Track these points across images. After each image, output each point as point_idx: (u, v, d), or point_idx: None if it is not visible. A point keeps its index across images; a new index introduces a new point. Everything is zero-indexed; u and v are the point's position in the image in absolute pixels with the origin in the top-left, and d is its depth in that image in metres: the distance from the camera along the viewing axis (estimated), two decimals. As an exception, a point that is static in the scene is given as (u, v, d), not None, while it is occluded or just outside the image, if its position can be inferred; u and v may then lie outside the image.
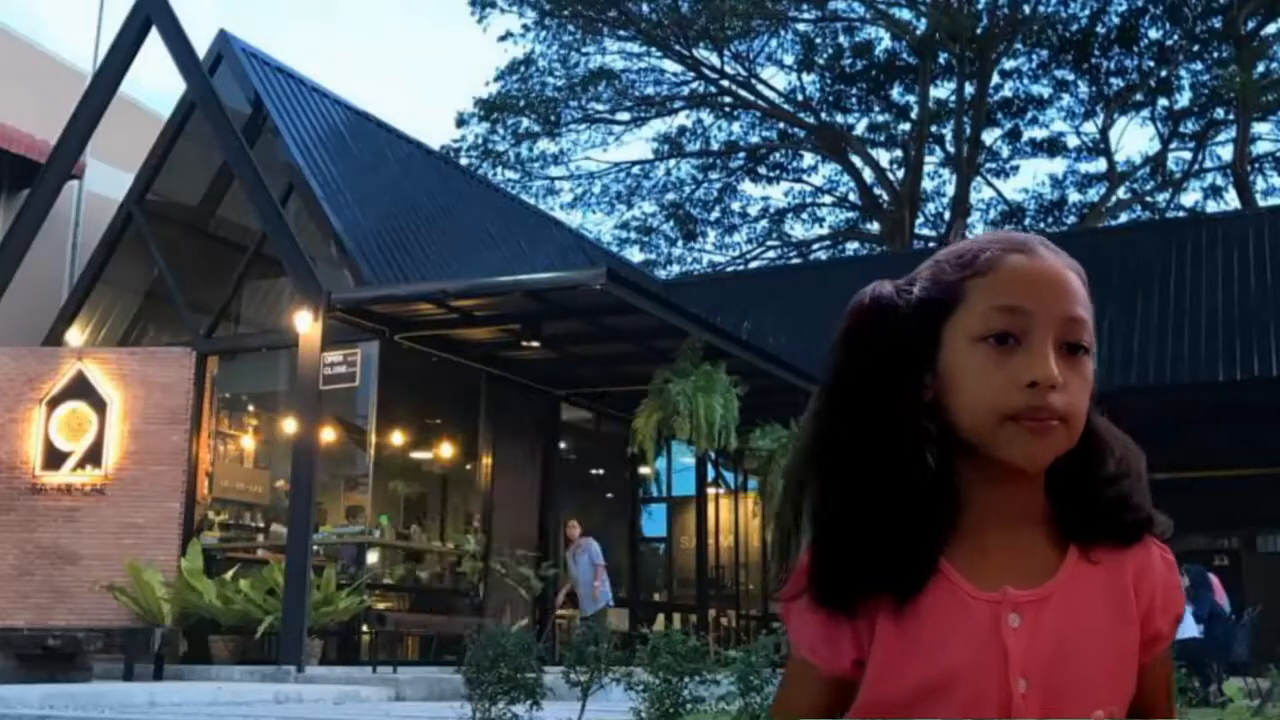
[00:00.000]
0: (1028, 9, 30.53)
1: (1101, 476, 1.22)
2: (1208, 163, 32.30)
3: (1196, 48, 30.33)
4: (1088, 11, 30.65)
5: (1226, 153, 31.33)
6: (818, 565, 1.20)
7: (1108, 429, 1.25)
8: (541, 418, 16.87)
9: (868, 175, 33.22)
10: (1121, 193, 32.98)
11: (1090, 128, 32.42)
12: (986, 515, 1.20)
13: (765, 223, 35.79)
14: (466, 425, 16.25)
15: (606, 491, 19.23)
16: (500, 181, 30.56)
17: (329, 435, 14.19)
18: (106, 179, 16.91)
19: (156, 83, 24.02)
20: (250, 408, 16.47)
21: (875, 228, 33.97)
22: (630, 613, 16.99)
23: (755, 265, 33.44)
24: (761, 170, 34.81)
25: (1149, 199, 33.16)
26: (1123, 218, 32.25)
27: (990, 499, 1.20)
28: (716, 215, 35.63)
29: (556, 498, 16.69)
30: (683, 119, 33.93)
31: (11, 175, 16.88)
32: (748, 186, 37.98)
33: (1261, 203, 29.29)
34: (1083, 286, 1.22)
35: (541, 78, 32.29)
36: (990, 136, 32.75)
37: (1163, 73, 30.85)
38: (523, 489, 16.39)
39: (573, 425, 17.88)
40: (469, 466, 16.36)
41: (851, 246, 34.97)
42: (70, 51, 35.62)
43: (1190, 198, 33.05)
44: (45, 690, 9.17)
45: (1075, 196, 33.39)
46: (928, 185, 33.64)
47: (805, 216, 35.51)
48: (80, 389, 14.02)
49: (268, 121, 15.85)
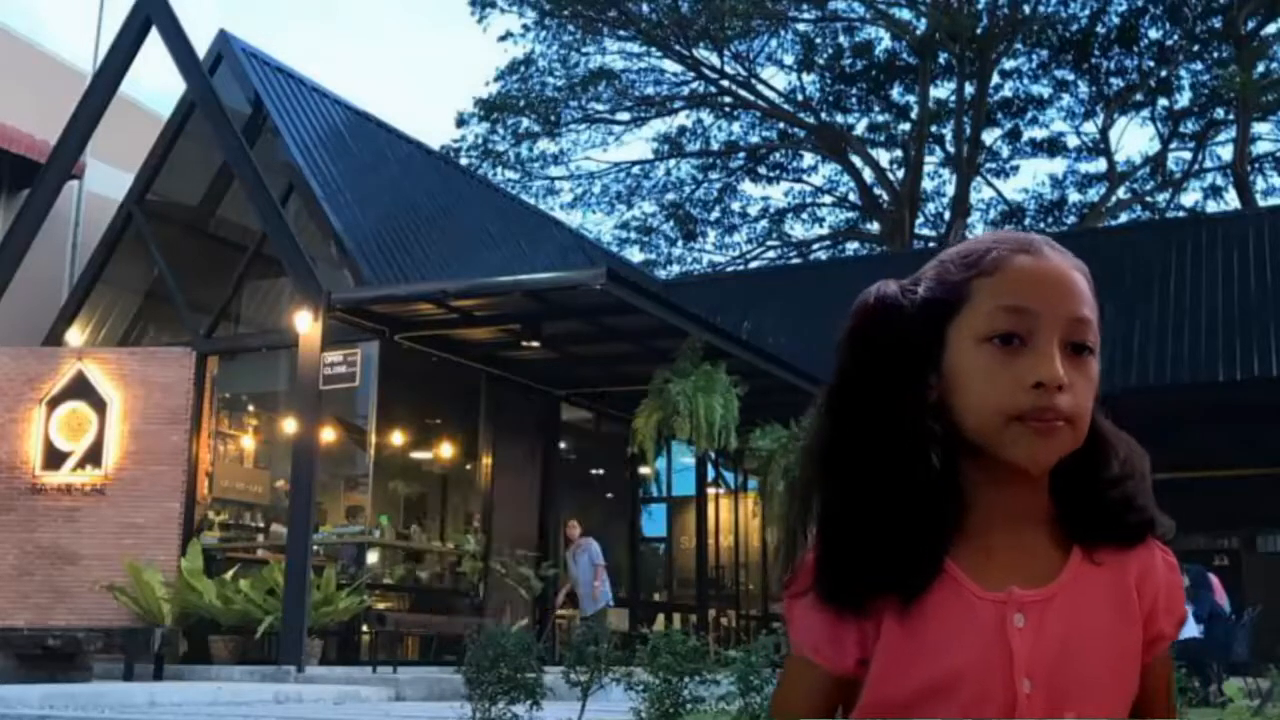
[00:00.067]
0: (1028, 9, 30.51)
1: (1105, 477, 1.22)
2: (1208, 163, 32.33)
3: (1196, 48, 30.32)
4: (1088, 11, 30.65)
5: (1226, 153, 31.34)
6: (824, 564, 1.20)
7: (1112, 430, 1.25)
8: (541, 418, 16.87)
9: (868, 175, 33.22)
10: (1121, 193, 32.98)
11: (1090, 128, 32.46)
12: (992, 516, 1.20)
13: (765, 223, 35.81)
14: (466, 425, 16.25)
15: (606, 491, 19.23)
16: (500, 181, 30.55)
17: (329, 435, 14.20)
18: (106, 179, 16.90)
19: (156, 83, 24.04)
20: (250, 408, 16.47)
21: (875, 228, 33.96)
22: (630, 613, 16.99)
23: (755, 265, 33.43)
24: (761, 170, 34.81)
25: (1149, 199, 33.17)
26: (1123, 218, 32.24)
27: (995, 499, 1.20)
28: (716, 215, 35.65)
29: (556, 498, 16.69)
30: (683, 119, 33.99)
31: (11, 175, 16.88)
32: (748, 186, 38.02)
33: (1261, 203, 29.29)
34: (1088, 287, 1.22)
35: (541, 78, 32.29)
36: (990, 136, 32.79)
37: (1163, 73, 30.84)
38: (523, 489, 16.39)
39: (573, 425, 17.88)
40: (469, 466, 16.36)
41: (851, 246, 34.98)
42: (70, 51, 35.62)
43: (1190, 198, 33.10)
44: (45, 690, 9.17)
45: (1075, 196, 33.43)
46: (928, 185, 33.68)
47: (805, 216, 35.55)
48: (80, 389, 14.03)
49: (268, 121, 15.85)
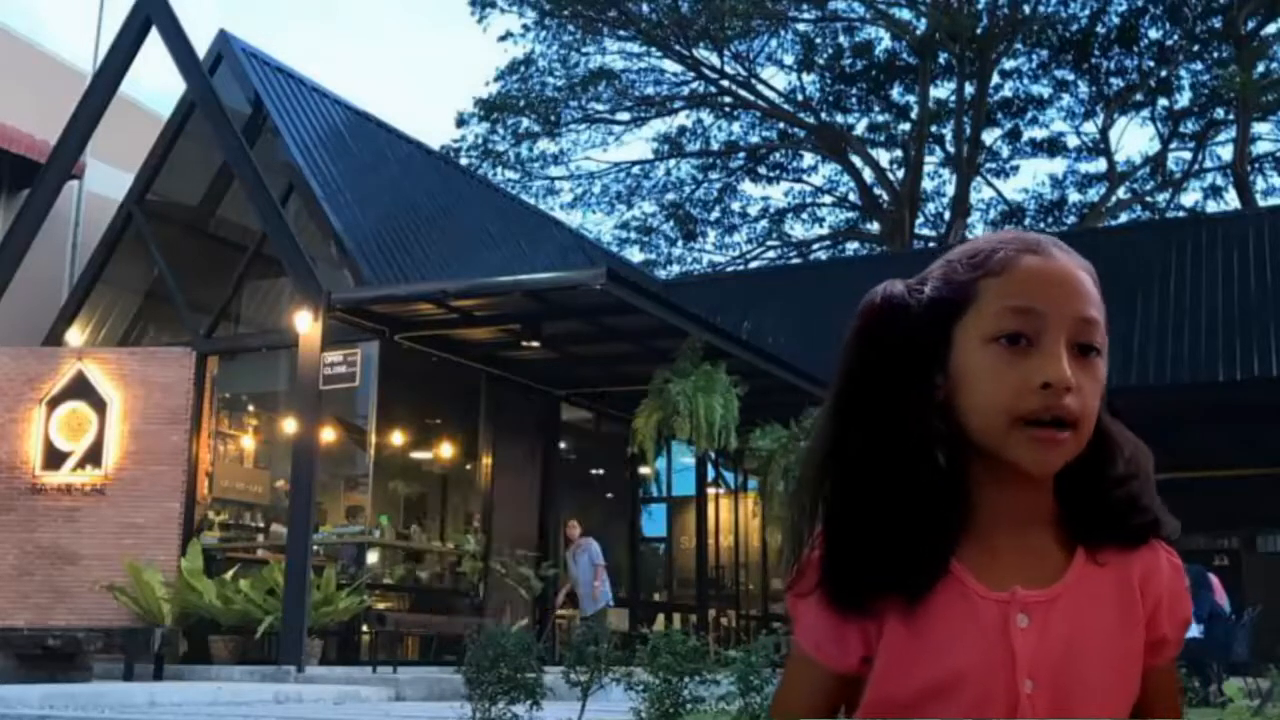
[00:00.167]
0: (1028, 9, 30.51)
1: (1111, 477, 1.22)
2: (1208, 163, 32.32)
3: (1196, 48, 30.31)
4: (1088, 11, 30.64)
5: (1226, 153, 31.33)
6: (828, 564, 1.19)
7: (1118, 428, 1.25)
8: (541, 418, 16.87)
9: (868, 175, 33.21)
10: (1121, 193, 32.97)
11: (1090, 128, 32.46)
12: (997, 516, 1.20)
13: (765, 223, 35.81)
14: (466, 425, 16.25)
15: (606, 491, 19.23)
16: (500, 181, 30.55)
17: (329, 435, 14.19)
18: (106, 179, 16.90)
19: (156, 83, 24.04)
20: (250, 408, 16.47)
21: (875, 228, 33.95)
22: (630, 613, 16.99)
23: (755, 265, 33.42)
24: (761, 170, 34.81)
25: (1149, 199, 33.16)
26: (1123, 218, 32.23)
27: (1000, 500, 1.20)
28: (716, 215, 35.64)
29: (556, 498, 16.69)
30: (683, 119, 33.98)
31: (11, 175, 16.88)
32: (748, 186, 38.02)
33: (1261, 203, 29.28)
34: (1095, 287, 1.22)
35: (541, 78, 32.28)
36: (990, 136, 32.78)
37: (1163, 73, 30.83)
38: (523, 489, 16.39)
39: (573, 425, 17.88)
40: (469, 466, 16.36)
41: (851, 246, 34.97)
42: (70, 51, 35.63)
43: (1190, 198, 33.09)
44: (45, 690, 9.17)
45: (1075, 196, 33.42)
46: (928, 185, 33.67)
47: (805, 216, 35.54)
48: (80, 389, 14.02)
49: (268, 121, 15.85)
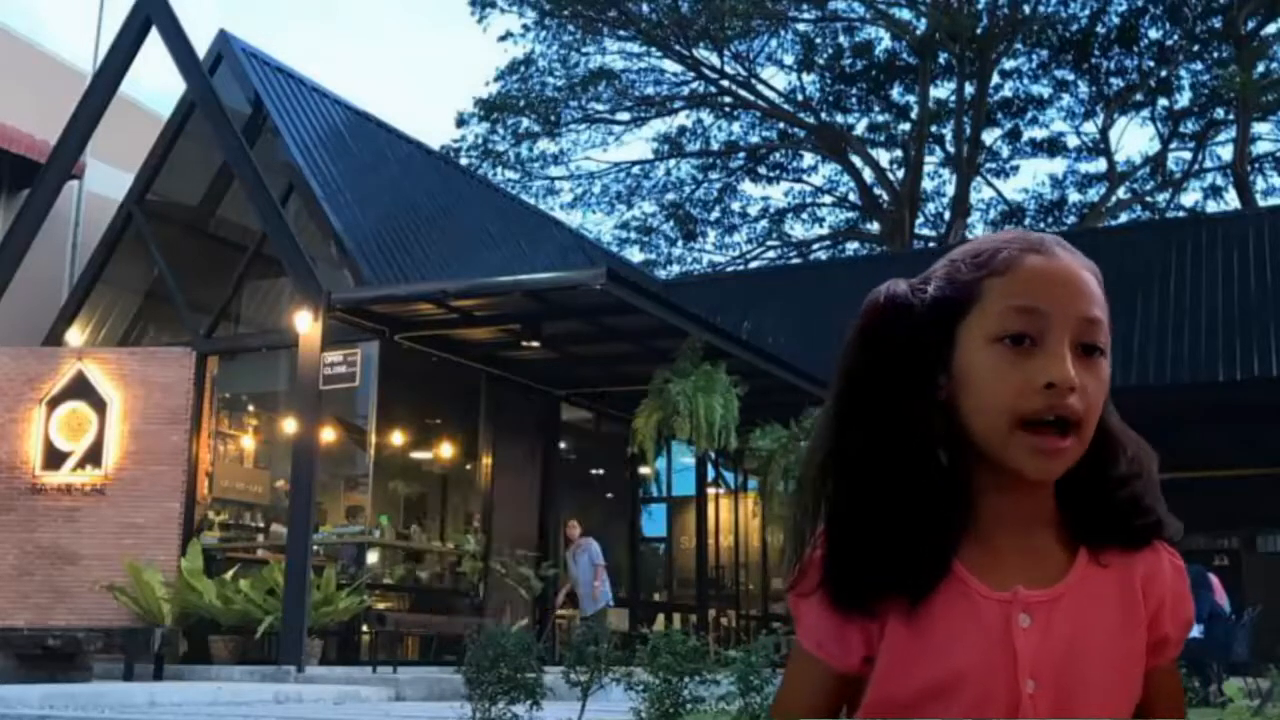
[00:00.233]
0: (1028, 9, 30.51)
1: (1114, 478, 1.22)
2: (1208, 163, 32.33)
3: (1196, 48, 30.31)
4: (1088, 11, 30.65)
5: (1226, 153, 31.33)
6: (831, 565, 1.19)
7: (1121, 428, 1.25)
8: (541, 418, 16.87)
9: (868, 175, 33.21)
10: (1121, 193, 32.97)
11: (1090, 128, 32.46)
12: (999, 517, 1.20)
13: (765, 223, 35.81)
14: (466, 425, 16.25)
15: (606, 491, 19.22)
16: (500, 181, 30.55)
17: (329, 435, 14.19)
18: (106, 179, 16.90)
19: (156, 83, 24.03)
20: (250, 408, 16.46)
21: (875, 228, 33.96)
22: (630, 613, 16.99)
23: (755, 265, 33.42)
24: (761, 170, 34.81)
25: (1149, 199, 33.16)
26: (1123, 218, 32.23)
27: (1002, 501, 1.19)
28: (716, 215, 35.65)
29: (556, 498, 16.69)
30: (683, 119, 33.98)
31: (11, 175, 16.88)
32: (748, 186, 38.03)
33: (1261, 203, 29.28)
34: (1099, 287, 1.22)
35: (541, 78, 32.29)
36: (990, 136, 32.78)
37: (1163, 73, 30.83)
38: (523, 489, 16.39)
39: (573, 425, 17.88)
40: (469, 466, 16.35)
41: (851, 246, 34.97)
42: (70, 51, 35.63)
43: (1190, 198, 33.09)
44: (45, 690, 9.17)
45: (1075, 196, 33.42)
46: (928, 185, 33.67)
47: (805, 216, 35.54)
48: (80, 389, 14.02)
49: (268, 121, 15.85)
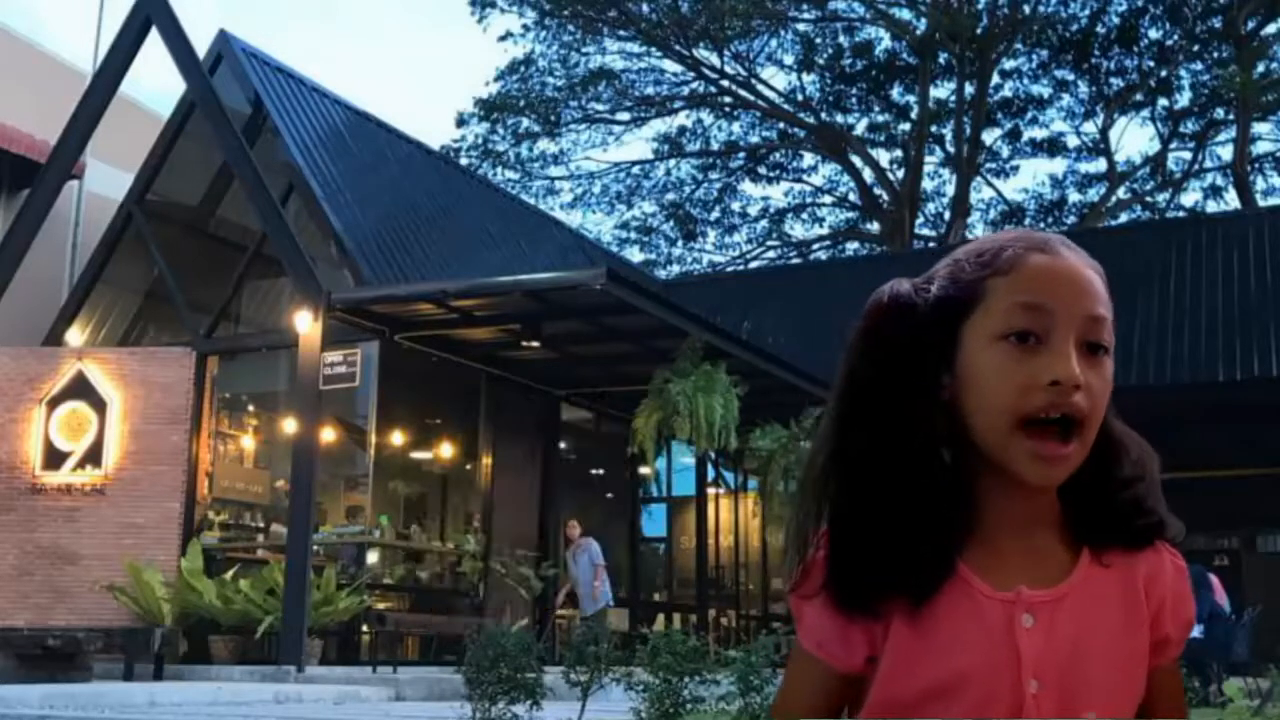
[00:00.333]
0: (1028, 9, 30.51)
1: (1116, 479, 1.22)
2: (1208, 163, 32.33)
3: (1196, 48, 30.31)
4: (1088, 11, 30.65)
5: (1226, 153, 31.34)
6: (834, 565, 1.19)
7: (1123, 429, 1.24)
8: (541, 418, 16.87)
9: (868, 175, 33.22)
10: (1121, 193, 32.97)
11: (1090, 128, 32.46)
12: (1002, 517, 1.19)
13: (765, 223, 35.82)
14: (466, 425, 16.25)
15: (606, 491, 19.22)
16: (500, 181, 30.55)
17: (329, 435, 14.19)
18: (106, 179, 16.90)
19: (156, 83, 24.04)
20: (250, 408, 16.46)
21: (875, 228, 33.96)
22: (630, 613, 16.99)
23: (755, 265, 33.43)
24: (761, 170, 34.81)
25: (1149, 199, 33.16)
26: (1123, 218, 32.23)
27: (1005, 502, 1.19)
28: (716, 215, 35.65)
29: (556, 498, 16.68)
30: (683, 119, 34.00)
31: (11, 175, 16.88)
32: (748, 186, 38.04)
33: (1261, 203, 29.28)
34: (1103, 286, 1.21)
35: (541, 78, 32.29)
36: (990, 136, 32.79)
37: (1163, 73, 30.83)
38: (523, 489, 16.39)
39: (573, 425, 17.87)
40: (469, 466, 16.35)
41: (851, 246, 34.98)
42: (70, 51, 35.63)
43: (1190, 198, 33.10)
44: (45, 690, 9.17)
45: (1075, 196, 33.42)
46: (928, 185, 33.68)
47: (805, 216, 35.55)
48: (80, 389, 14.02)
49: (268, 121, 15.85)
